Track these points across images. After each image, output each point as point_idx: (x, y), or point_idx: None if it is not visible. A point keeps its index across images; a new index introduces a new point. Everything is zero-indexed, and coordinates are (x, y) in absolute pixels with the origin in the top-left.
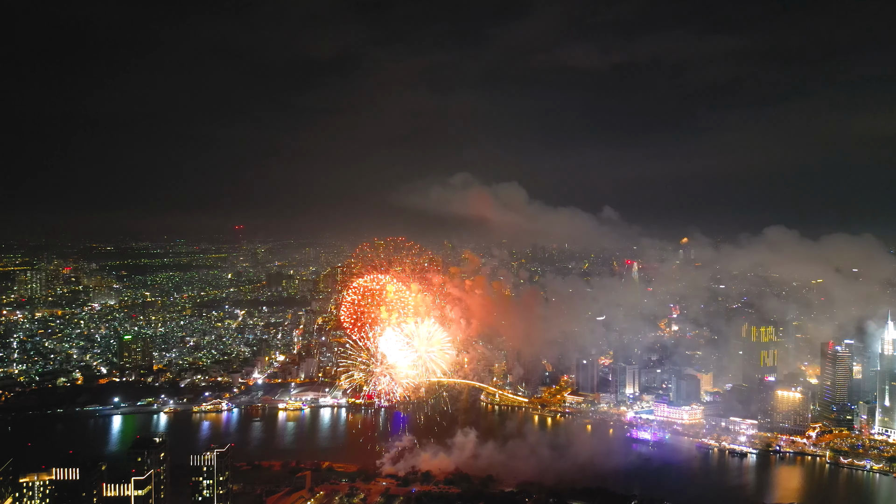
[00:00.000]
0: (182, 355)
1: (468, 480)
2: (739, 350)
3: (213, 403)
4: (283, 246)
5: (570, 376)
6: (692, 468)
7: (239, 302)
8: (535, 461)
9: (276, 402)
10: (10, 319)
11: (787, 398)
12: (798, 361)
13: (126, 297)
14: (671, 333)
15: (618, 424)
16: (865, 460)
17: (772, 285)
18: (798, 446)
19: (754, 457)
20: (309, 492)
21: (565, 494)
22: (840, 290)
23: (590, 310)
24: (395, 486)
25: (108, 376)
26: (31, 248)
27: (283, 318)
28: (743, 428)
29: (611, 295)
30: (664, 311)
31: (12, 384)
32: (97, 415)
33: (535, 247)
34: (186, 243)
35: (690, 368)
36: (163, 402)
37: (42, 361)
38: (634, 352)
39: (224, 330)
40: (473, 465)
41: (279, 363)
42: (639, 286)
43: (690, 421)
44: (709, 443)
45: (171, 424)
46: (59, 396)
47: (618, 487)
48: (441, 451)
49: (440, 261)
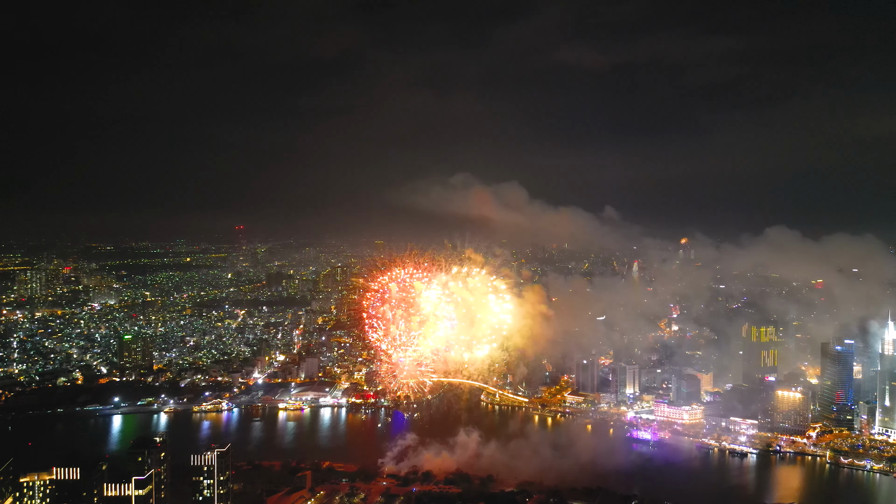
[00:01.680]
0: (182, 355)
1: (469, 480)
2: (740, 350)
3: (214, 403)
4: (283, 246)
5: (570, 376)
6: (692, 468)
7: (239, 302)
8: (536, 461)
9: (277, 402)
10: (10, 319)
11: (788, 398)
12: (798, 361)
13: (126, 296)
14: (671, 333)
15: (618, 424)
16: (866, 460)
17: (772, 285)
18: (798, 446)
19: (754, 457)
20: (309, 491)
21: (566, 494)
22: (841, 290)
23: (591, 309)
24: (396, 486)
25: (108, 376)
26: (30, 247)
27: (283, 317)
28: (743, 428)
29: (611, 295)
30: (664, 311)
31: (12, 384)
32: (97, 414)
33: (535, 247)
34: (186, 243)
35: (690, 368)
36: (163, 401)
37: (42, 361)
38: (635, 352)
39: (224, 330)
40: (474, 464)
41: (279, 363)
42: (639, 286)
43: (691, 421)
44: (709, 443)
45: (172, 424)
46: (60, 396)
47: (618, 487)
48: (442, 450)
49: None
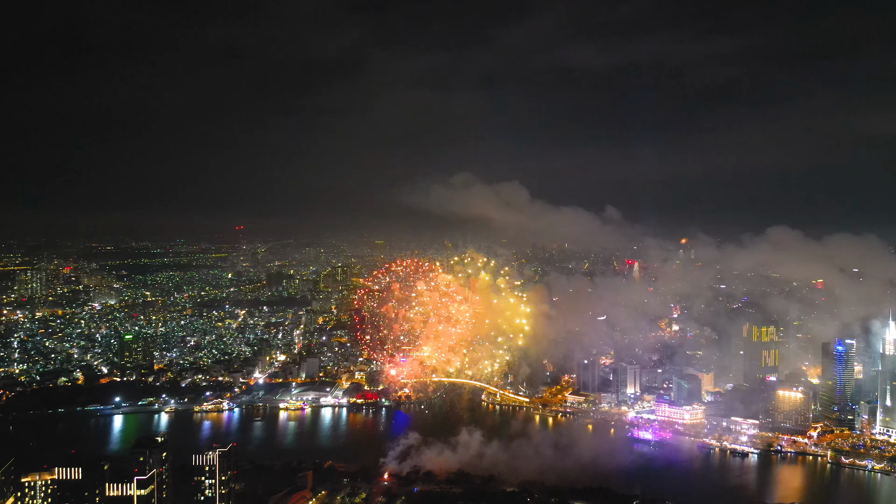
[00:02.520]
0: (183, 355)
1: (470, 480)
2: (740, 350)
3: (214, 403)
4: (283, 246)
5: (570, 376)
6: (694, 468)
7: (239, 302)
8: (537, 461)
9: (278, 402)
10: (11, 319)
11: (789, 398)
12: (799, 361)
13: (126, 296)
14: (672, 333)
15: (619, 424)
16: (867, 460)
17: (773, 285)
18: (799, 446)
19: (755, 457)
20: (310, 491)
21: (567, 494)
22: (842, 290)
23: (592, 309)
24: (397, 486)
25: (108, 376)
26: (30, 247)
27: (284, 317)
28: (744, 428)
29: (612, 294)
30: (665, 310)
31: (13, 384)
32: (98, 414)
33: (536, 247)
34: (186, 243)
35: (691, 368)
36: (164, 401)
37: (43, 361)
38: (636, 352)
39: (225, 330)
40: (475, 464)
41: (280, 363)
42: (640, 286)
43: (692, 421)
44: (710, 443)
45: (172, 424)
46: (60, 396)
47: (620, 487)
48: (443, 450)
49: (443, 261)
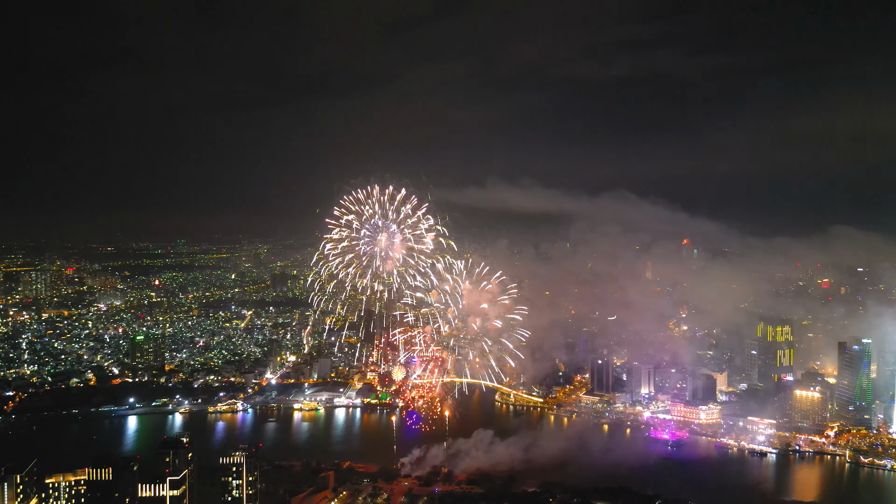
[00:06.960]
0: (193, 356)
1: (490, 480)
2: (753, 350)
3: (229, 404)
4: (284, 246)
5: (583, 376)
6: (713, 468)
7: (244, 302)
8: (556, 461)
9: (291, 403)
10: (17, 320)
11: (806, 398)
12: (812, 360)
13: (132, 297)
14: (681, 333)
15: (634, 424)
16: (886, 459)
17: (785, 284)
18: (817, 446)
19: (774, 456)
20: (332, 492)
21: (589, 494)
22: (856, 290)
23: (601, 309)
24: (418, 486)
25: (120, 377)
26: (31, 248)
27: (291, 318)
28: (761, 428)
29: (622, 294)
30: (674, 311)
31: (25, 385)
32: (112, 415)
33: (540, 247)
34: (187, 244)
35: (704, 368)
36: (177, 402)
37: (53, 362)
38: (647, 352)
39: (233, 330)
40: (495, 464)
41: (290, 363)
42: (650, 286)
43: (707, 420)
44: (728, 442)
45: (188, 425)
46: (74, 397)
47: (640, 487)
48: (461, 451)
49: None
